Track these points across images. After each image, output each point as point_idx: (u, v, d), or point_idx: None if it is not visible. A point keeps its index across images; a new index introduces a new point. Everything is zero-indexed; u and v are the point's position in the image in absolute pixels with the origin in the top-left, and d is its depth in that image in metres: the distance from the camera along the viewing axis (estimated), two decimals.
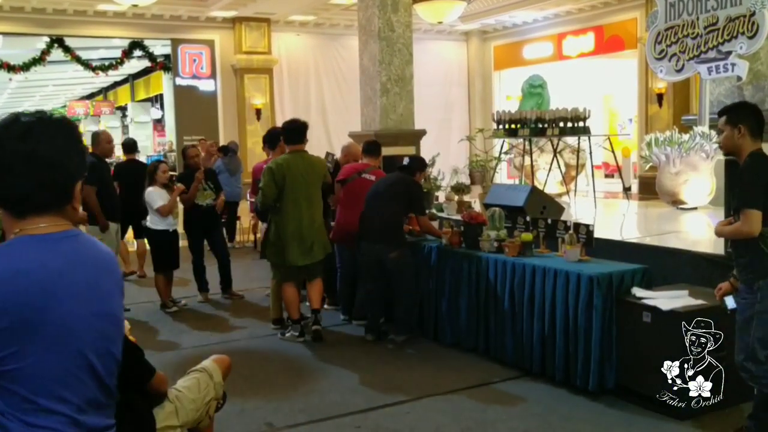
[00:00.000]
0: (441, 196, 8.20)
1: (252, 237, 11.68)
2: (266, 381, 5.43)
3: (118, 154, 14.68)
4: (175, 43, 15.69)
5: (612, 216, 9.07)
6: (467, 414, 4.69)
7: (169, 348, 6.40)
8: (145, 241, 8.61)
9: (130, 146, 9.78)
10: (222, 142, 14.76)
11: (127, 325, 4.49)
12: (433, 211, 7.46)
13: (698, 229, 7.18)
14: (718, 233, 4.07)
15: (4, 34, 14.65)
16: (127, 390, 3.10)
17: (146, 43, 15.85)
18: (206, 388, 3.39)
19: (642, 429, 4.37)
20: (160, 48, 16.32)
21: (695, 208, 7.96)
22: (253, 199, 8.41)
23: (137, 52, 15.91)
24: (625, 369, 4.83)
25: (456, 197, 7.77)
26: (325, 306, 7.07)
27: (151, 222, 7.67)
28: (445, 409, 4.78)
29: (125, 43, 15.83)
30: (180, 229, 7.95)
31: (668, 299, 4.63)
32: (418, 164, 6.73)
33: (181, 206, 7.86)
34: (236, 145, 12.29)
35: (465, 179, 8.35)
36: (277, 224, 6.32)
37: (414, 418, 4.64)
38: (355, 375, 5.50)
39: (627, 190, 11.46)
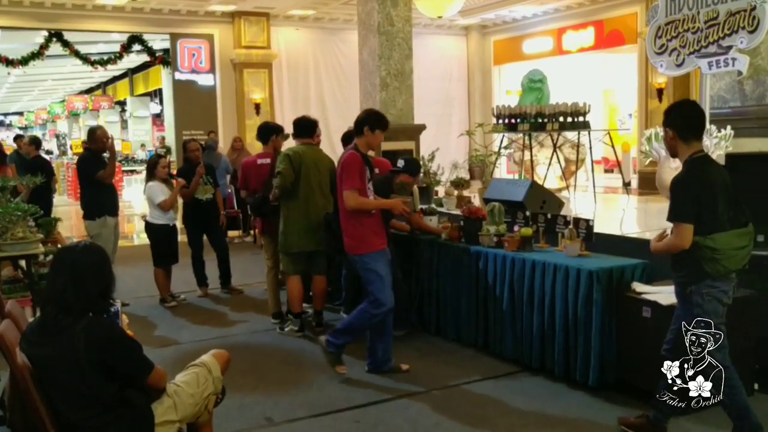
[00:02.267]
0: (440, 190, 8.19)
1: (252, 231, 11.69)
2: (266, 375, 5.42)
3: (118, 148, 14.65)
4: (174, 37, 15.68)
5: (612, 211, 9.05)
6: (467, 409, 4.68)
7: (168, 343, 6.40)
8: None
9: (38, 142, 9.84)
10: (221, 137, 14.76)
11: (125, 319, 4.50)
12: (433, 205, 7.44)
13: None
14: (653, 249, 4.00)
15: (3, 28, 14.65)
16: (126, 385, 3.10)
17: (145, 37, 15.85)
18: (205, 382, 3.39)
19: None
20: (159, 42, 16.33)
21: None
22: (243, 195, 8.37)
23: (136, 47, 15.91)
24: (625, 364, 4.82)
25: (455, 192, 7.76)
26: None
27: (152, 216, 7.67)
28: (444, 404, 4.78)
29: (124, 37, 15.83)
30: (179, 224, 7.95)
31: (668, 294, 4.61)
32: (414, 168, 6.68)
33: (180, 201, 7.85)
34: (215, 141, 12.25)
35: (464, 174, 8.36)
36: (290, 210, 6.34)
37: (414, 413, 4.64)
38: (354, 369, 5.48)
39: (627, 185, 11.48)
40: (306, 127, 6.52)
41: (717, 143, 7.77)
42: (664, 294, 4.63)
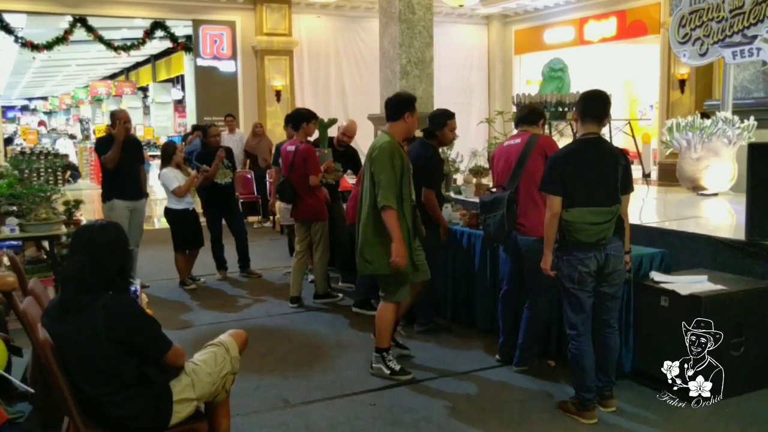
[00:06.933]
0: (459, 178, 8.19)
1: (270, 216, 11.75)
2: (282, 358, 5.47)
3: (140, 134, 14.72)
4: (197, 23, 15.72)
5: (631, 200, 8.97)
6: (482, 394, 4.70)
7: (187, 324, 6.47)
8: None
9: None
10: (242, 123, 14.82)
11: (144, 298, 4.56)
12: (450, 193, 7.44)
13: (719, 215, 7.12)
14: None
15: (28, 13, 14.74)
16: (144, 362, 3.15)
17: (168, 23, 15.89)
18: (223, 362, 3.42)
19: (658, 413, 4.35)
20: (181, 29, 16.37)
21: (716, 194, 7.87)
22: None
23: (159, 33, 15.95)
24: (642, 353, 4.81)
25: (474, 180, 7.75)
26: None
27: (170, 202, 7.75)
28: (460, 388, 4.81)
29: (147, 23, 15.88)
30: (198, 208, 8.02)
31: (687, 284, 4.61)
32: (436, 122, 6.17)
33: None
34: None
35: (484, 162, 8.31)
36: None
37: (429, 397, 4.67)
38: (370, 354, 5.51)
39: (647, 176, 11.35)
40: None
41: (739, 134, 7.69)
42: (683, 283, 4.62)
